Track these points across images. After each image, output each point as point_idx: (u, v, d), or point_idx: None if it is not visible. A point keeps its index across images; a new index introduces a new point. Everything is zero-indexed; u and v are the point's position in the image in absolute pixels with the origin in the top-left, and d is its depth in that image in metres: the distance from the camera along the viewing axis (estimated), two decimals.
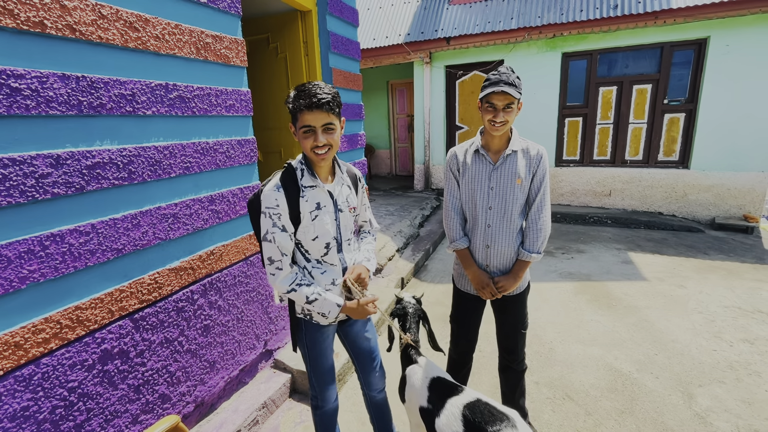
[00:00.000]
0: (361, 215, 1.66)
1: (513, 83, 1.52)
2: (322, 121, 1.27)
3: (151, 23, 1.66)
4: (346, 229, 1.49)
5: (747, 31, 5.08)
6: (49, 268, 1.36)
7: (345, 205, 1.47)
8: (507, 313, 1.83)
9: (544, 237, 1.68)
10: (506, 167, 1.66)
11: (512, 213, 1.68)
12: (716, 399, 2.27)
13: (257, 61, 3.38)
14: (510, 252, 1.72)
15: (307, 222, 1.37)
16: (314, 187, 1.38)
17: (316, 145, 1.29)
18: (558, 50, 6.11)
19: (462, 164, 1.74)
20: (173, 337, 1.85)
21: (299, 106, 1.26)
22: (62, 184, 1.39)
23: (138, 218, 1.66)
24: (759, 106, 5.18)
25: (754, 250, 4.72)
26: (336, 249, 1.46)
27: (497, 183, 1.67)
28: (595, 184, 6.34)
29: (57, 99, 1.35)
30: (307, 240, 1.40)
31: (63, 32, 1.36)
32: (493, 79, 1.54)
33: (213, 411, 2.13)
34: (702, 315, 3.19)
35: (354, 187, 1.55)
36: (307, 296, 1.36)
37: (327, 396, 1.63)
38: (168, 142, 1.78)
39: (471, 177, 1.71)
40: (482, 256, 1.76)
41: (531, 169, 1.66)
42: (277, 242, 1.33)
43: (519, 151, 1.66)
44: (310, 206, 1.37)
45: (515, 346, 1.86)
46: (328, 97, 1.26)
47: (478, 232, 1.74)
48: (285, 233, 1.34)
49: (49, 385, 1.38)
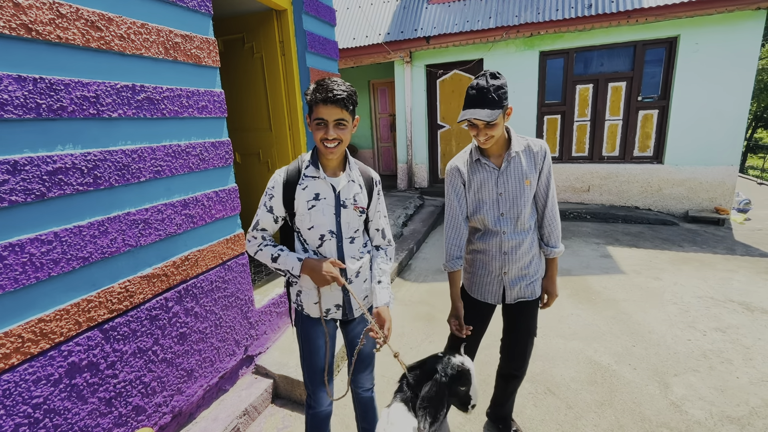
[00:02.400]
0: (374, 222, 1.59)
1: (490, 101, 1.42)
2: (335, 116, 1.31)
3: (114, 22, 1.60)
4: (349, 227, 1.47)
5: (715, 30, 5.26)
6: (7, 279, 1.30)
7: (350, 202, 1.45)
8: (522, 318, 1.76)
9: (560, 229, 1.71)
10: (512, 170, 1.60)
11: (524, 215, 1.63)
12: (691, 387, 2.34)
13: (232, 62, 3.31)
14: (528, 255, 1.67)
15: (303, 210, 1.41)
16: (316, 178, 1.42)
17: (325, 137, 1.32)
18: (536, 49, 6.20)
19: (467, 176, 1.65)
20: (147, 347, 1.79)
21: (315, 99, 1.30)
22: (21, 191, 1.32)
23: (105, 225, 1.60)
24: (727, 102, 5.37)
25: (725, 241, 4.89)
26: (334, 243, 1.45)
27: (505, 188, 1.61)
28: (575, 180, 6.46)
29: (12, 102, 1.29)
30: (303, 228, 1.44)
31: (17, 32, 1.29)
32: (469, 97, 1.46)
33: (192, 421, 2.08)
34: (677, 306, 3.28)
35: (368, 189, 1.53)
36: (271, 254, 1.44)
37: (320, 398, 1.62)
38: (136, 145, 1.72)
39: (478, 187, 1.64)
40: (499, 264, 1.68)
41: (537, 166, 1.62)
42: (259, 216, 1.46)
43: (521, 152, 1.61)
44: (307, 195, 1.41)
45: (524, 353, 1.80)
46: (344, 94, 1.29)
47: (494, 240, 1.66)
48: (270, 214, 1.44)
49: (10, 403, 1.31)
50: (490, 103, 1.42)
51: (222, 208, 2.20)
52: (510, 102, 1.43)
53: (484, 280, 1.74)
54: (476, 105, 1.44)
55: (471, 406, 1.34)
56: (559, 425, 2.11)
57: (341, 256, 1.47)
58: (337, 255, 1.46)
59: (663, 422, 2.09)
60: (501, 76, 1.47)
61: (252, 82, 3.28)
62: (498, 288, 1.73)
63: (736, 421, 2.08)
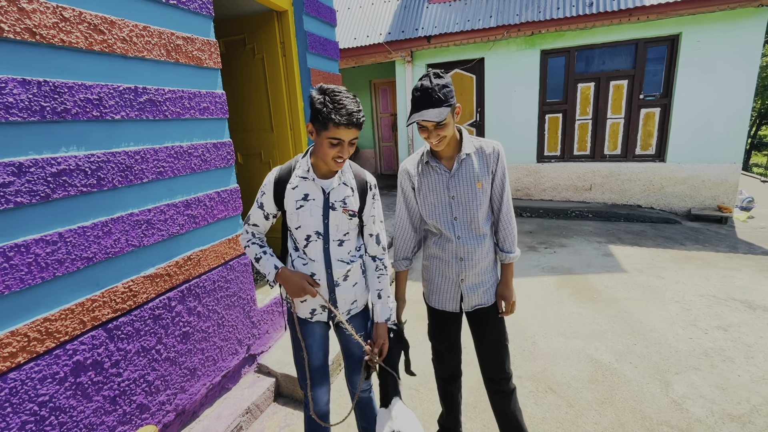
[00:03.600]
0: (368, 227, 1.55)
1: (436, 101, 1.38)
2: (352, 136, 1.33)
3: (117, 25, 1.62)
4: (338, 230, 1.46)
5: (716, 27, 5.23)
6: (14, 279, 1.32)
7: (339, 205, 1.44)
8: (487, 325, 1.69)
9: (515, 234, 1.65)
10: (463, 172, 1.54)
11: (479, 220, 1.57)
12: (692, 386, 2.34)
13: (234, 63, 3.33)
14: (485, 260, 1.63)
15: (292, 209, 1.43)
16: (306, 178, 1.43)
17: (340, 155, 1.34)
18: (537, 47, 6.19)
19: (416, 178, 1.61)
20: (150, 346, 1.81)
21: (335, 121, 1.27)
22: (26, 192, 1.34)
23: (109, 225, 1.62)
24: (729, 99, 5.35)
25: (728, 239, 4.87)
26: (320, 245, 1.45)
27: (457, 191, 1.55)
28: (576, 179, 6.45)
29: (17, 105, 1.31)
30: (292, 227, 1.47)
31: (22, 36, 1.32)
32: (414, 99, 1.42)
33: (195, 419, 2.10)
34: (678, 304, 3.28)
35: (361, 193, 1.51)
36: (255, 253, 1.49)
37: (315, 397, 1.63)
38: (139, 146, 1.74)
39: (428, 190, 1.58)
40: (456, 270, 1.62)
41: (489, 168, 1.55)
42: (252, 211, 1.51)
43: (473, 153, 1.55)
44: (296, 195, 1.43)
45: (501, 361, 1.69)
46: (363, 117, 1.33)
47: (449, 246, 1.61)
48: (261, 210, 1.49)
49: (17, 401, 1.34)
50: (437, 102, 1.38)
51: (224, 209, 2.22)
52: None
53: (442, 287, 1.69)
54: (423, 106, 1.40)
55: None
56: (560, 423, 2.12)
57: (327, 259, 1.46)
58: (323, 257, 1.46)
59: (664, 420, 2.09)
60: (445, 75, 1.43)
61: (253, 83, 3.30)
62: (456, 295, 1.67)
63: (737, 419, 2.08)
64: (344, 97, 1.29)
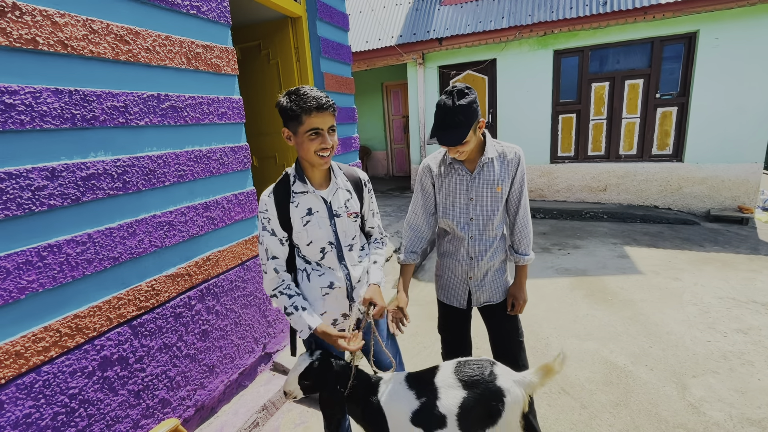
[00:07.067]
0: (368, 221, 1.58)
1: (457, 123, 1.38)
2: (329, 123, 1.30)
3: (141, 36, 1.70)
4: (346, 235, 1.46)
5: (735, 24, 5.12)
6: (47, 278, 1.40)
7: (342, 210, 1.44)
8: (499, 320, 1.74)
9: (531, 237, 1.68)
10: (484, 176, 1.58)
11: (494, 222, 1.62)
12: (710, 389, 2.30)
13: (250, 68, 3.42)
14: (495, 261, 1.67)
15: (299, 227, 1.39)
16: (305, 192, 1.39)
17: (323, 147, 1.30)
18: (549, 48, 6.15)
19: (437, 177, 1.64)
20: (172, 343, 1.88)
21: (306, 109, 1.24)
22: (58, 195, 1.42)
23: (134, 227, 1.69)
24: (749, 97, 5.22)
25: (748, 240, 4.75)
26: (335, 253, 1.44)
27: (476, 193, 1.59)
28: (591, 180, 6.37)
29: (51, 113, 1.39)
30: (302, 244, 1.42)
31: (55, 48, 1.40)
32: (436, 117, 1.43)
33: (213, 414, 2.16)
34: (697, 307, 3.22)
35: (357, 192, 1.51)
36: (285, 306, 1.38)
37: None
38: (161, 151, 1.82)
39: (449, 190, 1.62)
40: (465, 268, 1.68)
41: (509, 173, 1.59)
42: (265, 244, 1.39)
43: (495, 158, 1.58)
44: (300, 212, 1.38)
45: (514, 356, 1.69)
46: (330, 99, 1.29)
47: (461, 245, 1.66)
48: (274, 237, 1.39)
49: (50, 393, 1.41)
50: (457, 124, 1.38)
51: (241, 210, 2.28)
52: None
53: (450, 283, 1.75)
54: (443, 127, 1.41)
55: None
56: (573, 425, 2.11)
57: (344, 266, 1.46)
58: (339, 264, 1.45)
59: (680, 423, 2.07)
60: (470, 92, 1.41)
61: (269, 88, 3.38)
62: (464, 292, 1.72)
63: (756, 423, 2.04)
64: (307, 89, 1.28)
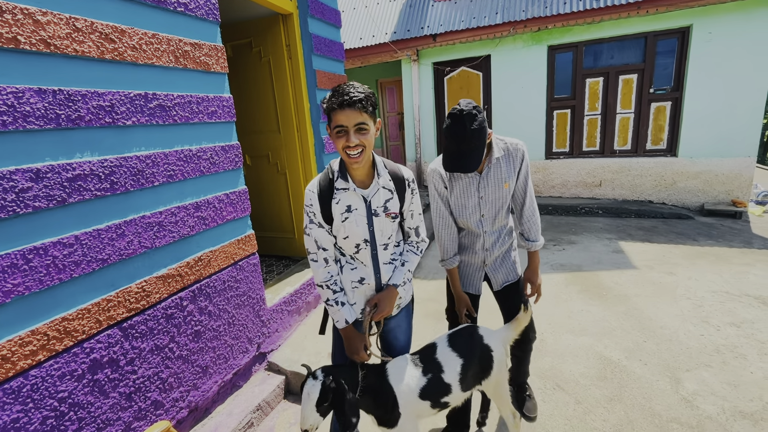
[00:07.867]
0: (407, 221, 1.55)
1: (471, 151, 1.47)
2: (355, 120, 1.25)
3: (127, 34, 1.67)
4: (382, 234, 1.45)
5: (728, 18, 5.13)
6: (33, 281, 1.38)
7: (381, 210, 1.42)
8: (512, 298, 1.89)
9: (539, 223, 1.81)
10: (492, 175, 1.66)
11: (502, 215, 1.74)
12: (703, 383, 2.31)
13: (241, 66, 3.39)
14: (505, 248, 1.84)
15: (338, 222, 1.40)
16: (346, 190, 1.39)
17: (347, 145, 1.27)
18: (543, 43, 6.14)
19: (448, 180, 1.70)
20: (164, 344, 1.87)
21: (331, 105, 1.26)
22: (43, 197, 1.40)
23: (122, 228, 1.67)
24: (743, 91, 5.24)
25: (742, 234, 4.78)
26: (369, 251, 1.45)
27: (486, 192, 1.68)
28: (586, 175, 6.38)
29: (34, 113, 1.36)
30: (339, 238, 1.45)
31: (37, 47, 1.37)
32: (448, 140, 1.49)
33: (207, 415, 2.15)
34: (690, 301, 3.23)
35: (400, 191, 1.47)
36: (327, 298, 1.47)
37: None
38: (150, 151, 1.80)
39: (460, 191, 1.70)
40: (481, 259, 1.83)
41: (515, 168, 1.68)
42: (314, 236, 1.43)
43: (501, 157, 1.65)
44: (340, 208, 1.39)
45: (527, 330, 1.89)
46: (361, 96, 1.24)
47: (478, 240, 1.79)
48: (321, 228, 1.43)
49: (38, 397, 1.40)
50: (473, 150, 1.47)
51: (233, 210, 2.27)
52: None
53: (466, 271, 1.89)
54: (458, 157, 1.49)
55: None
56: (568, 420, 2.12)
57: (375, 264, 1.48)
58: (372, 262, 1.47)
59: (674, 417, 2.08)
60: (477, 111, 1.45)
61: (260, 86, 3.35)
62: (479, 279, 1.88)
63: (749, 416, 2.06)
64: (346, 86, 1.26)
